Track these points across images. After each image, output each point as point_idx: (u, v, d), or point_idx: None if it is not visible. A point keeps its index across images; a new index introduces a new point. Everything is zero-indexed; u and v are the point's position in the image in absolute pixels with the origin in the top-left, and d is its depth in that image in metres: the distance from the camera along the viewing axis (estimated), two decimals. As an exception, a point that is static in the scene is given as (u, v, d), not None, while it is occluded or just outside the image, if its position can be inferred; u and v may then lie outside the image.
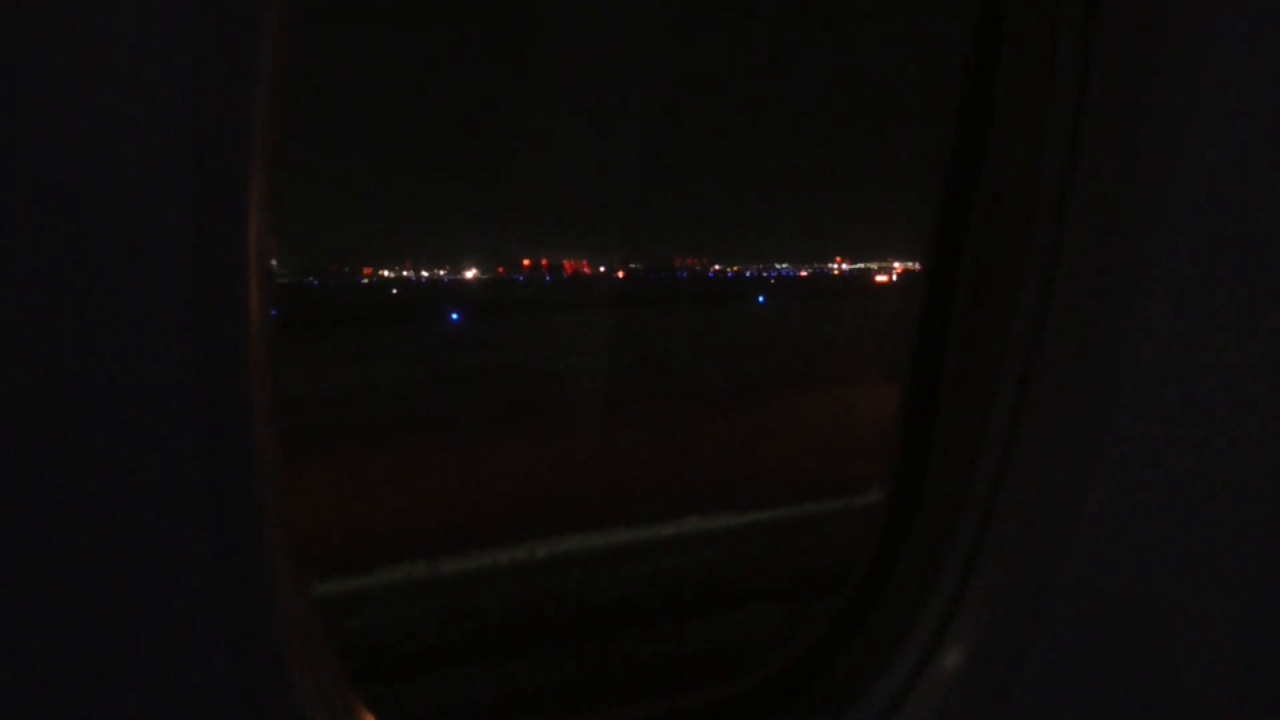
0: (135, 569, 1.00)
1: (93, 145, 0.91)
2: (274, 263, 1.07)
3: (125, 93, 0.91)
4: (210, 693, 1.07)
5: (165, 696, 1.05)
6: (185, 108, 0.92)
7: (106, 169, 0.91)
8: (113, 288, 0.93)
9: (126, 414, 0.96)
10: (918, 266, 1.83)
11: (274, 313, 1.07)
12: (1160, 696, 1.65)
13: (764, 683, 1.75)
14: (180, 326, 0.96)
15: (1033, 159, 1.53)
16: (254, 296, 1.00)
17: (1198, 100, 1.37)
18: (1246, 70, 1.37)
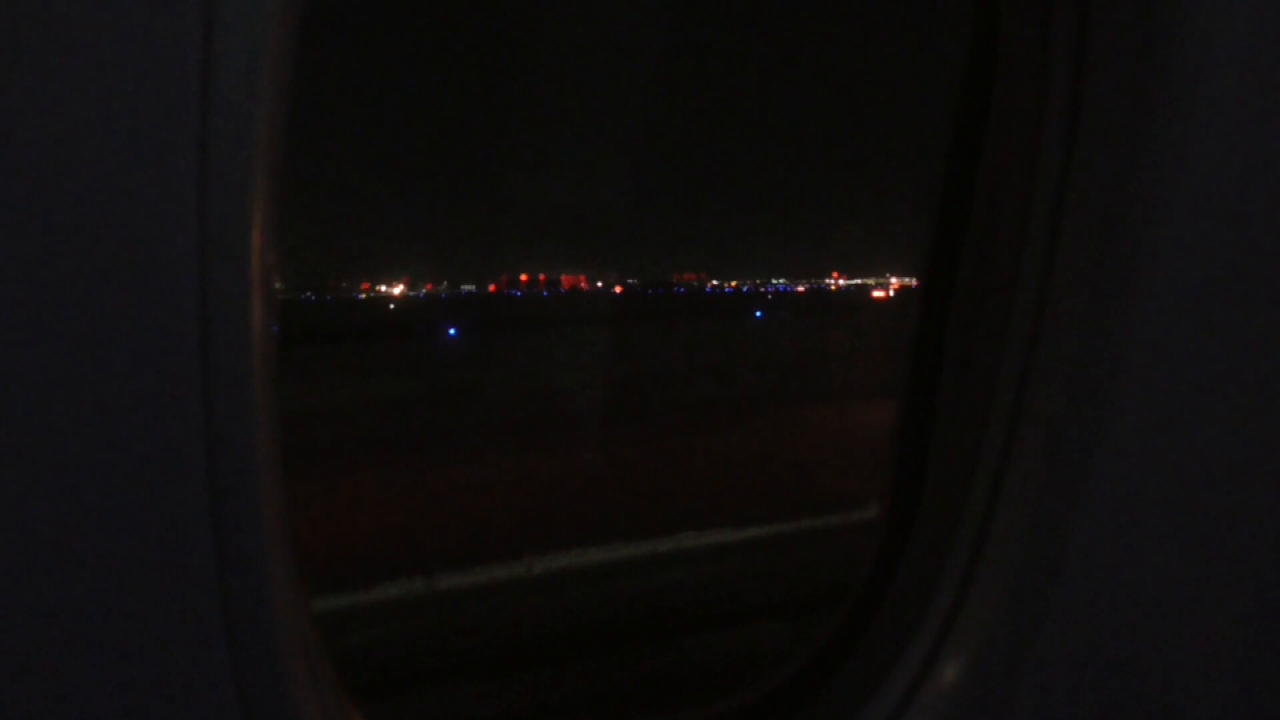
0: (135, 581, 1.01)
1: (95, 159, 0.91)
2: (277, 279, 1.07)
3: (128, 106, 0.91)
4: (210, 707, 1.07)
5: (164, 709, 1.05)
6: (189, 121, 0.93)
7: (109, 183, 0.92)
8: (115, 300, 0.94)
9: (128, 426, 0.96)
10: (914, 282, 1.84)
11: (275, 327, 1.07)
12: (1160, 709, 1.65)
13: (762, 698, 1.74)
14: (182, 339, 0.96)
15: (1028, 171, 1.54)
16: (256, 310, 1.01)
17: (1191, 114, 1.38)
18: (1240, 77, 1.38)
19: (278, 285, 1.09)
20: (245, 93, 0.95)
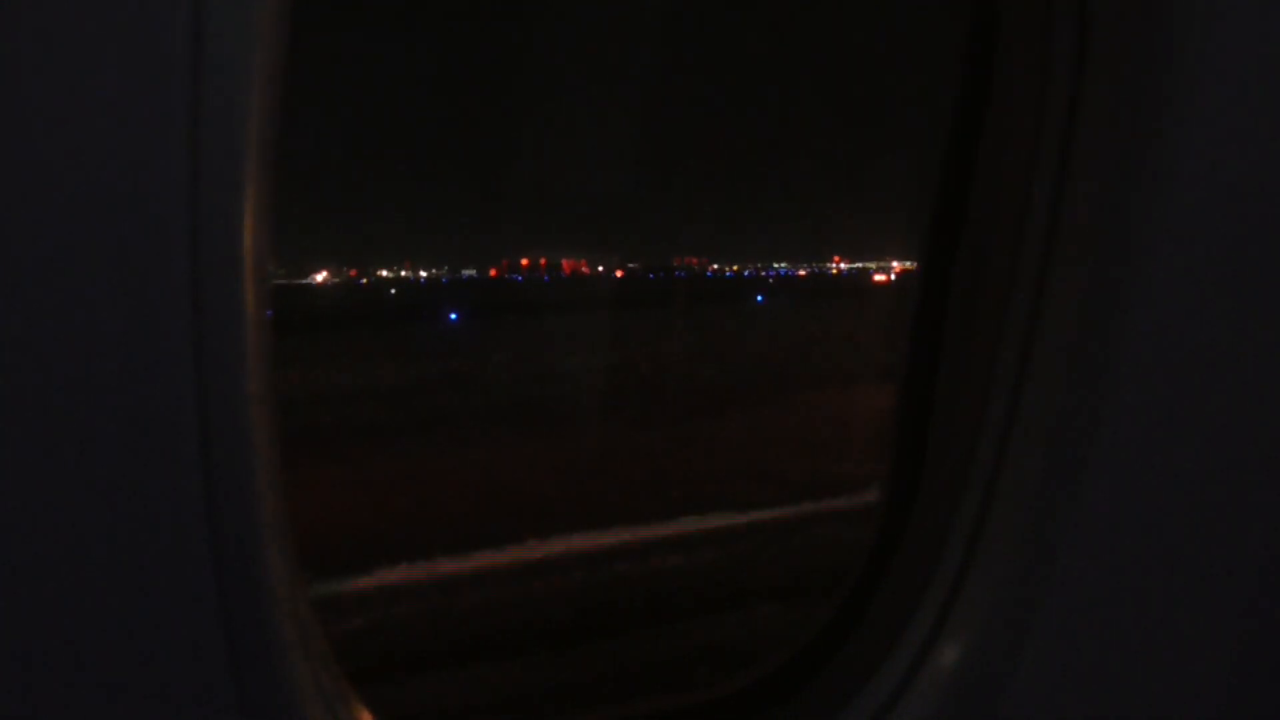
0: (131, 569, 1.00)
1: (86, 143, 0.91)
2: (271, 262, 1.07)
3: (119, 90, 0.91)
4: (208, 693, 1.07)
5: (163, 697, 1.05)
6: (179, 105, 0.92)
7: (100, 167, 0.91)
8: (106, 286, 0.93)
9: (121, 414, 0.96)
10: (916, 266, 1.83)
11: (270, 312, 1.06)
12: (1157, 695, 1.65)
13: (761, 681, 1.75)
14: (175, 324, 0.96)
15: (1028, 159, 1.53)
16: (249, 294, 1.00)
17: (1193, 102, 1.37)
18: (1240, 73, 1.37)
19: (280, 271, 1.09)
20: (236, 80, 0.94)
